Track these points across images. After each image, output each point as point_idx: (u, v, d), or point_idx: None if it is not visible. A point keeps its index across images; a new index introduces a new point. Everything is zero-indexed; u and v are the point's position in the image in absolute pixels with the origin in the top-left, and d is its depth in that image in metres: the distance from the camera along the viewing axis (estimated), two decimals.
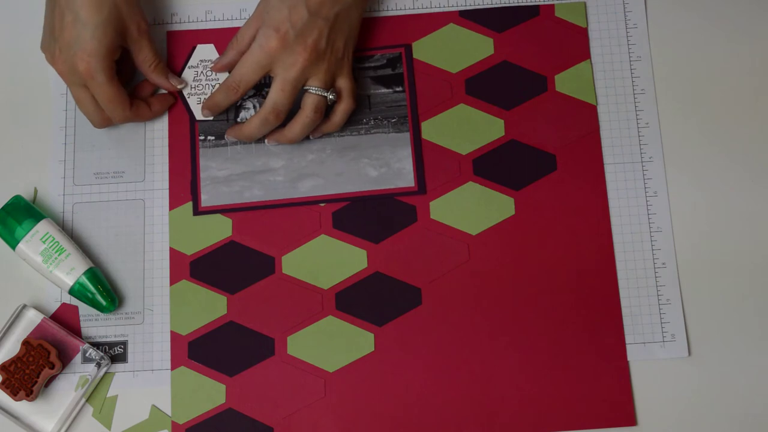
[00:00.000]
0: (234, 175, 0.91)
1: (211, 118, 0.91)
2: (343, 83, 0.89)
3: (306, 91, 0.87)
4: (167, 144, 0.92)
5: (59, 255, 0.86)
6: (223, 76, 0.92)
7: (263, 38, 0.86)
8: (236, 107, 0.92)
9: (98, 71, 0.84)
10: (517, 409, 0.85)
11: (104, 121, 0.89)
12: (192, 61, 0.93)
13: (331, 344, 0.87)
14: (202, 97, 0.92)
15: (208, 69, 0.93)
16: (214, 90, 0.91)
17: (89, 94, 0.87)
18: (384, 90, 0.92)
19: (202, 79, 0.93)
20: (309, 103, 0.87)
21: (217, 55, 0.93)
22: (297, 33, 0.85)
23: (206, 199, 0.90)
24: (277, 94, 0.86)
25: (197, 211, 0.90)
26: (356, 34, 0.90)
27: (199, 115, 0.92)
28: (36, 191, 0.91)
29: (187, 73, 0.93)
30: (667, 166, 0.91)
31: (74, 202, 0.90)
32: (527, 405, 0.85)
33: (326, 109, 0.88)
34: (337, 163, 0.91)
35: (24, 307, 0.87)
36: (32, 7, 0.94)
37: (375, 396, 0.86)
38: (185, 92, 0.92)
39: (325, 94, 0.87)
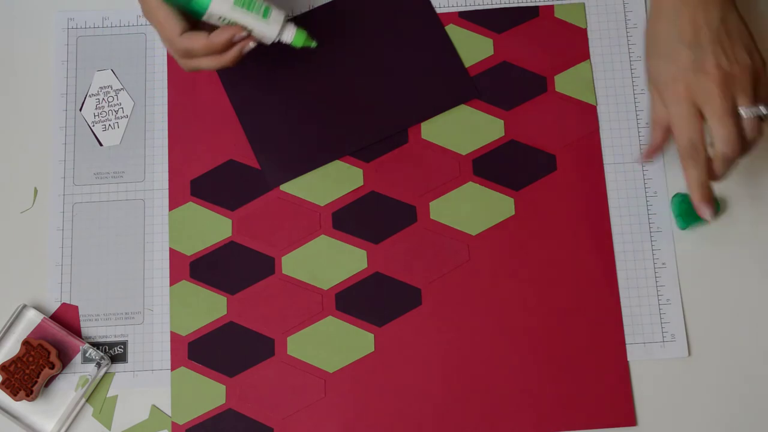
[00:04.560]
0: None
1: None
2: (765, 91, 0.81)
3: (738, 116, 0.80)
4: (167, 144, 0.92)
5: None
6: (125, 99, 0.91)
7: (673, 102, 0.80)
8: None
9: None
10: (517, 409, 0.85)
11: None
12: (92, 90, 0.92)
13: (331, 344, 0.87)
14: (107, 123, 0.91)
15: (110, 95, 0.91)
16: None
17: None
18: None
19: (104, 106, 0.92)
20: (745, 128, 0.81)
21: (115, 80, 0.92)
22: (695, 70, 0.79)
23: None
24: (718, 131, 0.79)
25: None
26: (748, 30, 0.83)
27: (106, 142, 0.90)
28: (36, 191, 0.91)
29: (89, 103, 0.92)
30: (667, 166, 0.91)
31: (74, 202, 0.90)
32: (527, 405, 0.85)
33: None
34: None
35: (24, 307, 0.87)
36: (32, 7, 0.94)
37: (375, 396, 0.86)
38: (89, 121, 0.91)
39: (753, 113, 0.79)
